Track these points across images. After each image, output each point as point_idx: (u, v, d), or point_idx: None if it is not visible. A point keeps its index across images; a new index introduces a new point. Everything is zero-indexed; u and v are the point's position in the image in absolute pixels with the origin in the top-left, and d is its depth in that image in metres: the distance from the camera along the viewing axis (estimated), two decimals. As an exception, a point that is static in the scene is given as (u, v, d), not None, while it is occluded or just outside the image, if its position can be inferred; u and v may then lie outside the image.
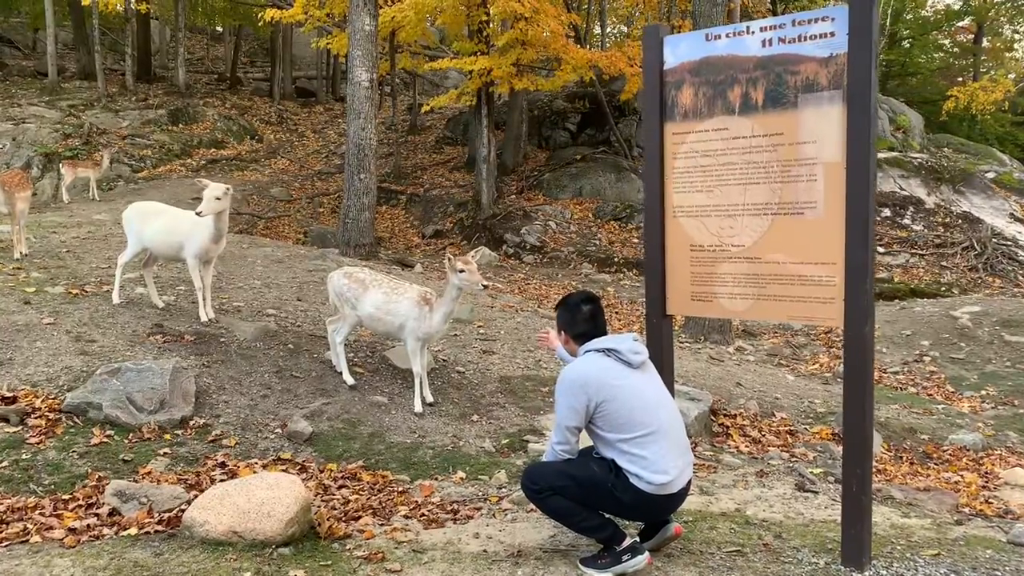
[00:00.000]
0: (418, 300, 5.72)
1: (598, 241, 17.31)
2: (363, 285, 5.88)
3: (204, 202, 5.99)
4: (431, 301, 5.73)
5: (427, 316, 5.67)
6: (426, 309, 5.69)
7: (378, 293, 5.81)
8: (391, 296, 5.78)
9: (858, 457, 3.78)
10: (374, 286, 5.86)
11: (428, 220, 19.31)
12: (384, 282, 5.93)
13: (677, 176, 4.32)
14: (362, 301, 5.83)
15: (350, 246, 13.21)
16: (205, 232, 6.23)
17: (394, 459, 5.11)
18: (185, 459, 4.83)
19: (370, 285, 5.87)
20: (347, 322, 5.95)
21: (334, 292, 6.03)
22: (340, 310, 6.01)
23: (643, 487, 3.54)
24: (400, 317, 5.72)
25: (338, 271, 6.10)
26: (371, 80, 13.18)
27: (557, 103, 24.02)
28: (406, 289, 5.85)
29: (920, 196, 21.09)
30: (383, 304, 5.77)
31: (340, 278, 5.98)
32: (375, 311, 5.79)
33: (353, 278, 5.93)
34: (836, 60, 3.75)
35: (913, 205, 20.90)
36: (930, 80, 39.02)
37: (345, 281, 5.94)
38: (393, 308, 5.74)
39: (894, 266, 18.12)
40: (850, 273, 3.72)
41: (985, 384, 8.44)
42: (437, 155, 23.65)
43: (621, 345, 3.74)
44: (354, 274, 5.98)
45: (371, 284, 5.87)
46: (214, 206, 6.00)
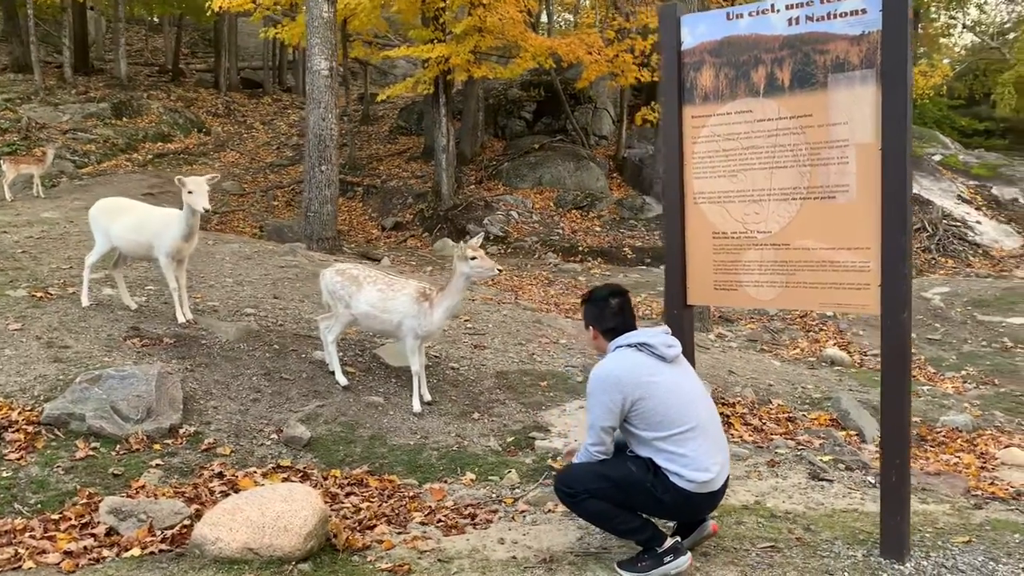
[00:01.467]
0: (417, 296, 5.45)
1: (561, 230, 17.19)
2: (356, 282, 5.60)
3: (198, 196, 5.70)
4: (431, 297, 5.44)
5: (427, 313, 5.40)
6: (425, 305, 5.40)
7: (373, 290, 5.53)
8: (387, 292, 5.51)
9: (897, 447, 3.69)
10: (368, 283, 5.58)
11: (387, 212, 18.96)
12: (379, 278, 5.66)
13: (697, 161, 4.17)
14: (356, 299, 5.55)
15: (313, 240, 12.85)
16: (177, 229, 5.90)
17: (399, 462, 4.89)
18: (179, 470, 4.54)
19: (364, 282, 5.59)
20: (340, 321, 5.68)
21: (326, 290, 5.75)
22: (333, 308, 5.74)
23: (684, 486, 3.39)
24: (398, 314, 5.44)
25: (330, 269, 5.81)
26: (331, 68, 12.81)
27: (512, 92, 23.80)
28: (403, 285, 5.59)
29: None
30: (379, 301, 5.49)
31: (332, 276, 5.70)
32: (370, 309, 5.51)
33: (346, 275, 5.66)
34: (868, 38, 3.63)
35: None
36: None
37: (338, 279, 5.66)
38: (390, 305, 5.47)
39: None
40: (887, 258, 3.61)
41: (964, 364, 8.52)
42: (392, 145, 23.26)
43: (654, 339, 3.58)
44: (347, 271, 5.71)
45: (365, 281, 5.60)
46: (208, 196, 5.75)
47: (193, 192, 5.69)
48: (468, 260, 5.22)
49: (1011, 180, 20.81)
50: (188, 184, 5.70)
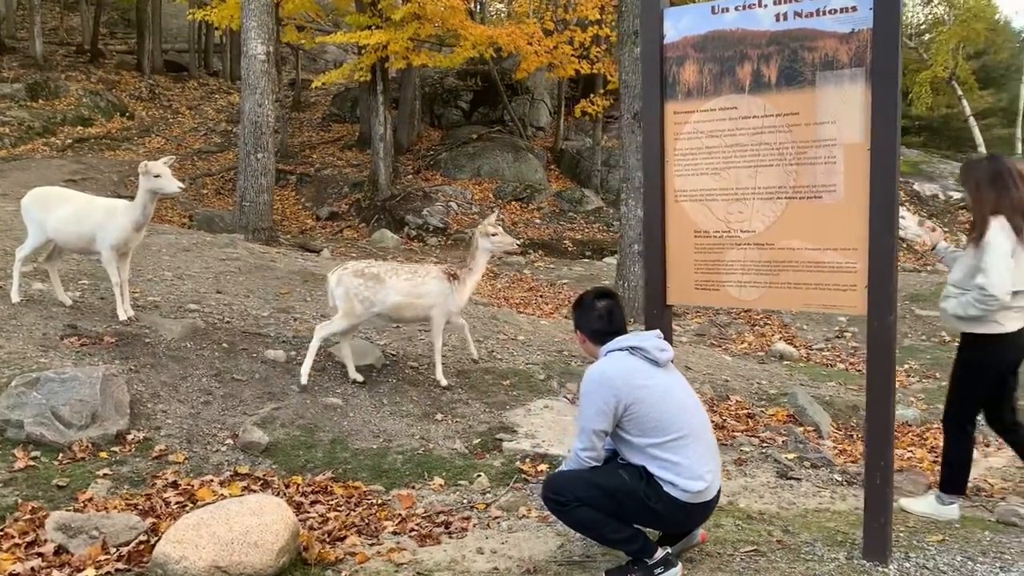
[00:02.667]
0: (445, 276, 5.61)
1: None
2: (378, 279, 5.52)
3: (167, 179, 5.53)
4: (457, 275, 5.63)
5: (457, 290, 5.60)
6: (455, 284, 5.61)
7: (400, 281, 5.53)
8: (414, 279, 5.56)
9: (881, 449, 3.67)
10: (391, 275, 5.56)
11: (322, 201, 18.52)
12: (398, 268, 5.67)
13: (680, 158, 4.07)
14: (383, 294, 5.48)
15: (248, 230, 12.44)
16: (126, 219, 5.57)
17: (363, 467, 4.69)
18: (129, 480, 4.25)
19: (386, 276, 5.54)
20: (348, 320, 5.49)
21: (347, 293, 5.49)
22: (344, 309, 5.50)
23: (677, 495, 3.30)
24: (431, 298, 5.55)
25: (343, 271, 5.58)
26: (268, 53, 12.41)
27: (448, 80, 23.54)
28: (427, 269, 5.70)
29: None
30: (411, 289, 5.53)
31: (351, 278, 5.51)
32: (403, 298, 5.51)
33: (366, 275, 5.53)
34: (858, 36, 3.57)
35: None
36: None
37: (359, 280, 5.50)
38: (422, 290, 5.54)
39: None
40: (875, 260, 3.58)
41: (906, 358, 8.70)
42: (325, 133, 22.75)
43: (646, 343, 3.48)
44: (365, 270, 5.57)
45: (386, 275, 5.56)
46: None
47: (161, 175, 5.48)
48: (489, 236, 5.60)
49: (931, 176, 21.53)
50: (153, 168, 5.47)
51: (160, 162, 5.60)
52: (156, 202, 5.69)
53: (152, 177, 5.48)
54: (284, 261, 8.78)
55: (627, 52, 9.19)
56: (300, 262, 9.02)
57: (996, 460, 6.14)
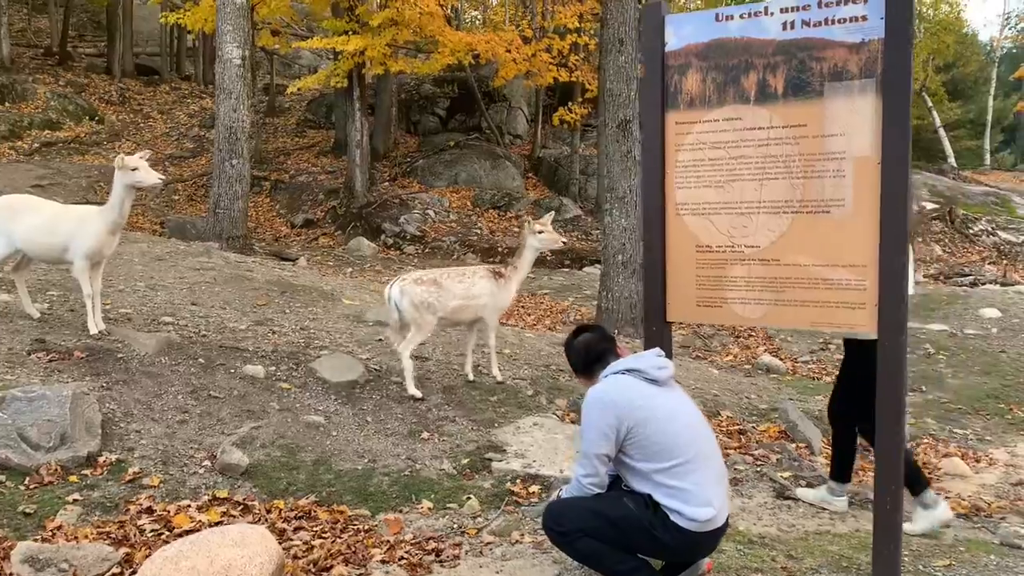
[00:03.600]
0: (492, 275, 5.83)
1: (479, 230, 16.89)
2: (438, 284, 5.69)
3: (145, 171, 5.34)
4: (504, 273, 5.86)
5: (504, 288, 5.83)
6: (502, 282, 5.82)
7: (455, 284, 5.72)
8: (466, 281, 5.76)
9: (892, 474, 3.53)
10: (445, 280, 5.74)
11: (297, 209, 18.24)
12: (447, 272, 5.87)
13: (681, 170, 3.93)
14: (443, 299, 5.65)
15: (222, 238, 12.17)
16: (100, 224, 5.33)
17: (347, 490, 4.49)
18: (101, 506, 4.02)
19: (442, 281, 5.73)
20: (424, 331, 5.67)
21: (411, 304, 5.58)
22: (416, 321, 5.61)
23: (685, 525, 3.13)
24: (484, 297, 5.76)
25: (402, 282, 5.69)
26: (243, 57, 12.17)
27: (425, 87, 23.35)
28: (473, 270, 5.92)
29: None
30: (465, 291, 5.72)
31: (414, 286, 5.63)
32: (461, 301, 5.71)
33: (426, 282, 5.68)
34: (868, 46, 3.45)
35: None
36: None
37: (421, 288, 5.64)
38: (475, 291, 5.75)
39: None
40: (885, 278, 3.45)
41: (892, 371, 8.63)
42: (300, 139, 22.45)
43: (641, 363, 3.34)
44: (423, 278, 5.74)
45: (442, 280, 5.74)
46: None
47: (139, 168, 5.27)
48: (537, 234, 5.84)
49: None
50: (130, 161, 5.27)
51: (136, 156, 5.39)
52: (132, 200, 5.46)
53: (129, 171, 5.27)
54: (261, 271, 8.54)
55: (611, 60, 9.07)
56: (277, 272, 8.78)
57: (988, 476, 6.06)
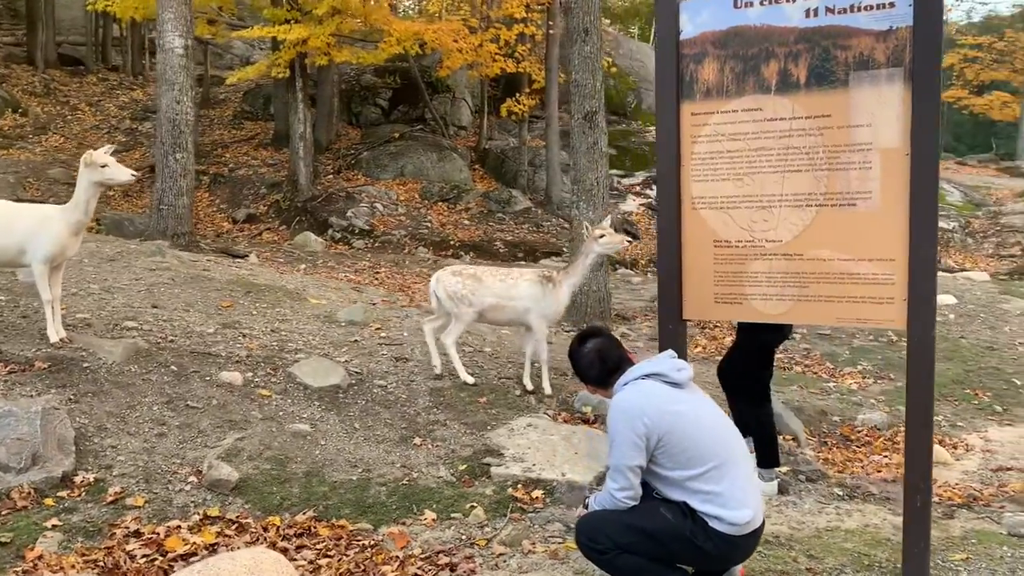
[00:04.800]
0: (539, 280, 5.63)
1: (429, 223, 16.60)
2: (476, 278, 5.67)
3: (116, 168, 5.04)
4: (553, 278, 5.64)
5: (551, 293, 5.58)
6: (550, 287, 5.59)
7: (495, 281, 5.65)
8: (508, 281, 5.65)
9: (922, 471, 3.48)
10: (487, 275, 5.71)
11: (238, 203, 17.65)
12: (495, 270, 5.83)
13: (698, 163, 3.79)
14: (479, 294, 5.61)
15: (166, 235, 11.64)
16: (60, 226, 4.98)
17: (345, 502, 4.25)
18: (84, 531, 3.72)
19: (483, 276, 5.69)
20: (462, 321, 5.67)
21: (445, 295, 5.69)
22: (453, 311, 5.69)
23: (725, 530, 3.01)
24: (524, 301, 5.59)
25: (442, 272, 5.80)
26: (186, 47, 11.66)
27: (366, 77, 22.86)
28: (522, 272, 5.80)
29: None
30: (504, 290, 5.61)
31: (450, 278, 5.69)
32: (497, 300, 5.61)
33: (465, 275, 5.70)
34: (896, 34, 3.37)
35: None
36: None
37: (457, 279, 5.67)
38: (514, 292, 5.60)
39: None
40: (915, 271, 3.38)
41: (858, 359, 8.73)
42: (238, 131, 21.74)
43: (660, 366, 3.21)
44: (463, 271, 5.79)
45: (483, 275, 5.71)
46: None
47: (108, 165, 4.95)
48: (598, 239, 5.51)
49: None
50: (99, 157, 4.95)
51: (103, 151, 5.05)
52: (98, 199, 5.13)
53: (98, 168, 4.94)
54: (219, 270, 8.16)
55: (577, 50, 8.92)
56: (235, 270, 8.41)
57: (968, 463, 6.14)
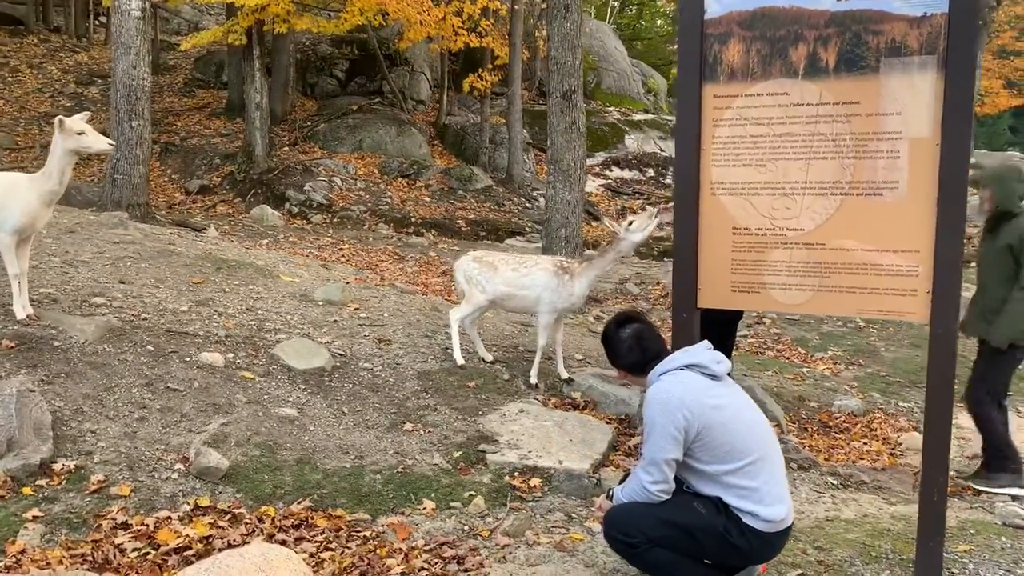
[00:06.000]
0: (554, 270, 5.44)
1: (389, 199, 16.29)
2: (492, 267, 5.61)
3: (93, 135, 4.70)
4: (570, 269, 5.44)
5: (567, 285, 5.39)
6: (565, 278, 5.39)
7: (507, 270, 5.56)
8: (521, 270, 5.52)
9: (940, 464, 3.46)
10: (503, 264, 5.63)
11: (191, 174, 17.10)
12: (511, 259, 5.71)
13: (719, 147, 3.69)
14: (493, 281, 5.56)
15: (120, 206, 11.18)
16: (31, 195, 4.66)
17: (340, 491, 4.08)
18: (67, 523, 3.49)
19: (499, 265, 5.62)
20: (473, 303, 5.65)
21: (463, 277, 5.74)
22: (465, 292, 5.74)
23: (760, 527, 2.94)
24: (536, 289, 5.45)
25: (466, 257, 5.84)
26: (143, 9, 11.15)
27: (322, 47, 22.28)
28: (536, 260, 5.63)
29: (678, 156, 22.19)
30: (515, 279, 5.51)
31: (470, 262, 5.73)
32: (508, 288, 5.53)
33: (483, 262, 5.68)
34: (930, 21, 3.30)
35: (673, 166, 21.98)
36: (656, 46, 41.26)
37: (476, 265, 5.67)
38: (526, 281, 5.47)
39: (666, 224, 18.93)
40: (940, 264, 3.34)
41: (829, 345, 8.81)
42: (189, 99, 21.03)
43: (700, 357, 3.11)
44: (483, 258, 5.75)
45: (499, 264, 5.63)
46: None
47: (85, 133, 4.65)
48: (628, 228, 5.17)
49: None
50: (75, 124, 4.64)
51: (78, 117, 4.75)
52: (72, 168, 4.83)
53: (74, 135, 4.62)
54: (184, 244, 7.82)
55: (556, 27, 8.74)
56: (201, 245, 8.08)
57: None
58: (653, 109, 26.64)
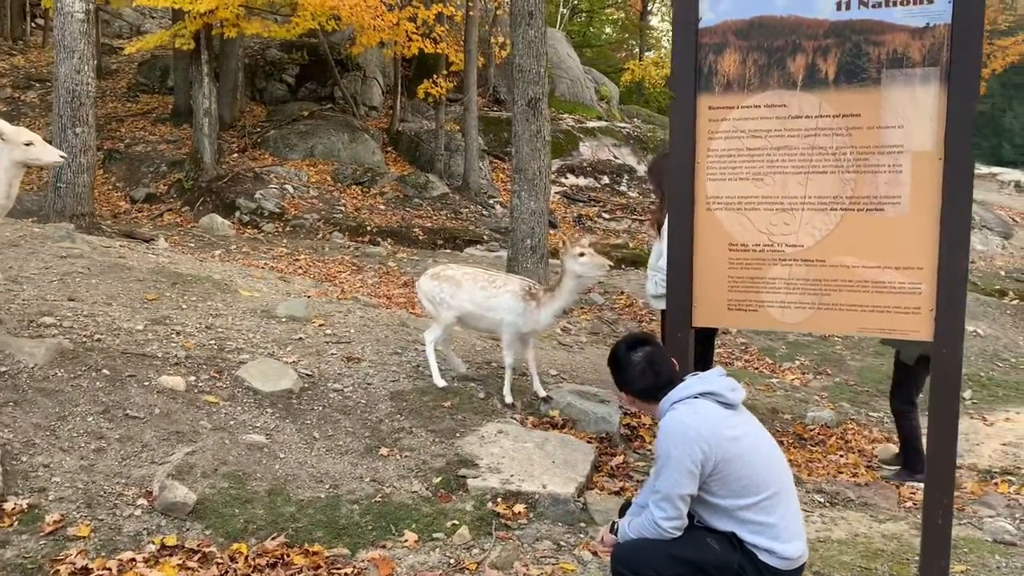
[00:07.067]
0: (522, 294, 5.24)
1: (343, 207, 15.96)
2: (455, 283, 5.40)
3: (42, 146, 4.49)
4: (537, 296, 5.24)
5: (533, 312, 5.21)
6: (532, 304, 5.20)
7: (476, 289, 5.34)
8: (489, 290, 5.31)
9: (945, 485, 3.36)
10: (469, 281, 5.39)
11: (136, 182, 16.56)
12: (479, 275, 5.47)
13: (714, 160, 3.56)
14: (458, 298, 5.36)
15: (64, 216, 10.70)
16: None
17: (316, 524, 3.85)
18: (21, 568, 3.21)
19: (463, 280, 5.40)
20: (441, 324, 5.46)
21: (427, 300, 5.55)
22: (431, 313, 5.58)
23: (776, 564, 2.81)
24: (500, 313, 5.26)
25: (424, 277, 5.62)
26: (87, 11, 10.73)
27: (271, 52, 21.84)
28: (505, 281, 5.41)
29: (632, 164, 22.32)
30: (483, 300, 5.30)
31: (429, 283, 5.51)
32: (474, 308, 5.33)
33: (442, 278, 5.47)
34: (933, 32, 3.21)
35: (627, 173, 22.08)
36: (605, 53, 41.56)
37: (436, 284, 5.46)
38: (494, 303, 5.27)
39: (621, 231, 18.96)
40: (944, 282, 3.25)
41: (795, 354, 8.79)
42: (133, 104, 20.40)
43: (716, 384, 2.97)
44: (441, 274, 5.53)
45: (463, 280, 5.41)
46: None
47: (34, 144, 4.42)
48: (577, 257, 4.97)
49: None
50: (23, 135, 4.39)
51: (20, 128, 4.48)
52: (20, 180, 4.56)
53: (20, 146, 4.33)
54: (136, 258, 7.46)
55: (520, 34, 8.58)
56: (153, 258, 7.72)
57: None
58: (606, 116, 26.68)
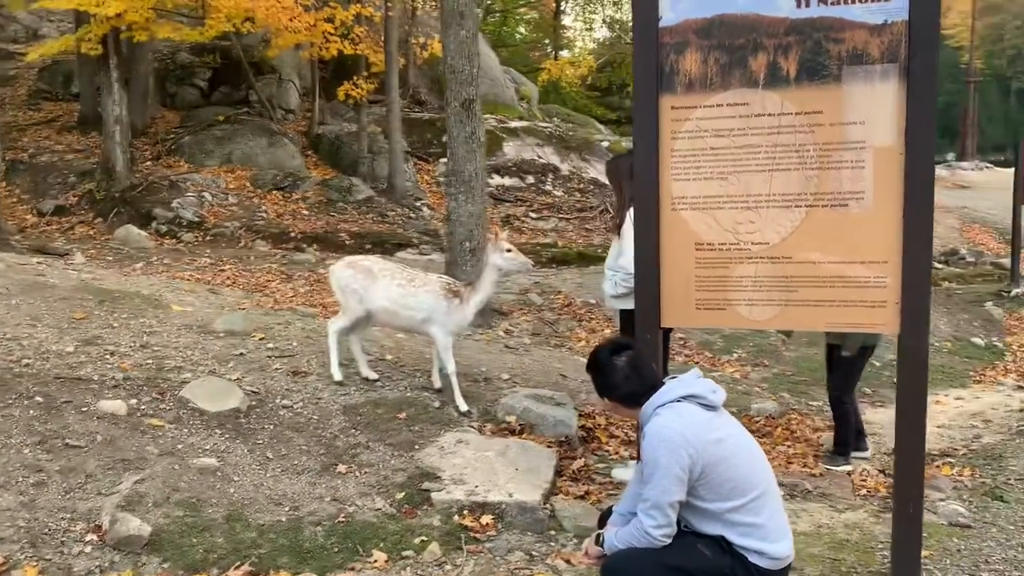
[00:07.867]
0: (443, 293, 5.17)
1: (265, 214, 15.53)
2: (370, 275, 5.26)
3: None
4: (460, 292, 5.19)
5: (458, 309, 5.16)
6: (456, 301, 5.16)
7: (392, 285, 5.21)
8: (407, 288, 5.20)
9: (914, 477, 3.41)
10: (386, 275, 5.26)
11: (43, 193, 15.76)
12: (397, 270, 5.37)
13: (678, 160, 3.54)
14: (371, 292, 5.23)
15: (-32, 232, 10.12)
16: None
17: (280, 549, 3.69)
18: (-36, 621, 2.96)
19: (379, 274, 5.26)
20: (348, 315, 5.33)
21: (337, 287, 5.41)
22: (341, 302, 5.43)
23: (766, 565, 2.80)
24: (423, 311, 5.15)
25: (340, 263, 5.49)
26: (-14, 15, 10.08)
27: (182, 56, 21.10)
28: (427, 280, 5.30)
29: (555, 163, 22.41)
30: (399, 297, 5.18)
31: (343, 269, 5.38)
32: (390, 304, 5.20)
33: (358, 267, 5.34)
34: (891, 29, 3.25)
35: (552, 172, 22.16)
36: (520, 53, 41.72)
37: (350, 272, 5.32)
38: (412, 302, 5.17)
39: (548, 230, 19.01)
40: (909, 275, 3.29)
41: (732, 347, 8.91)
42: (35, 112, 19.44)
43: (696, 387, 2.95)
44: (358, 263, 5.41)
45: (381, 274, 5.27)
46: None
47: None
48: (504, 252, 5.08)
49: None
50: None
51: None
52: None
53: None
54: (56, 274, 7.06)
55: (452, 35, 8.46)
56: (74, 274, 7.32)
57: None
58: (528, 116, 26.72)
